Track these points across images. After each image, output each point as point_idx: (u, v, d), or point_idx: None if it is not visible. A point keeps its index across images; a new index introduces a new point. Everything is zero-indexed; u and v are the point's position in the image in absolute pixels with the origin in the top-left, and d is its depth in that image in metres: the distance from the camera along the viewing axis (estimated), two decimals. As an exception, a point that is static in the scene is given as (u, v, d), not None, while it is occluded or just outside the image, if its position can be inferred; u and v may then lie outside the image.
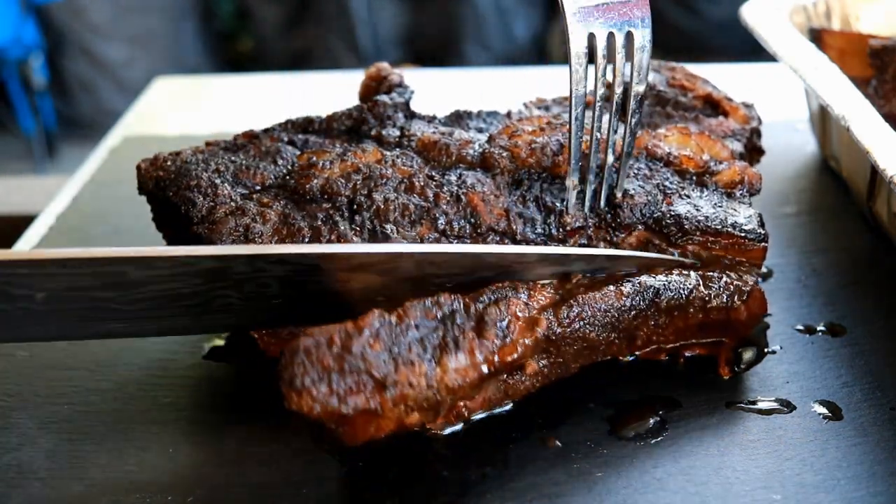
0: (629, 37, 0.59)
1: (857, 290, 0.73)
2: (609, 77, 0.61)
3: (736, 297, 0.61)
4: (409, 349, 0.51)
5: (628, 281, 0.59)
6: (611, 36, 0.59)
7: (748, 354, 0.65)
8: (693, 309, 0.60)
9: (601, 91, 0.60)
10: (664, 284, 0.59)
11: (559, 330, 0.56)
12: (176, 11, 2.92)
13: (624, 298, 0.58)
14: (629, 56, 0.60)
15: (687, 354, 0.63)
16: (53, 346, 0.68)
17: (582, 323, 0.57)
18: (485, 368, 0.53)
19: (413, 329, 0.52)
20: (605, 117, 0.62)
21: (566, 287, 0.58)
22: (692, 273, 0.60)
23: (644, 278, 0.59)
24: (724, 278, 0.61)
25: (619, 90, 0.61)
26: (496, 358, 0.54)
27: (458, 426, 0.58)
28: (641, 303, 0.59)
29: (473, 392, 0.55)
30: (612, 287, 0.58)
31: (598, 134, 0.62)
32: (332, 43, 2.81)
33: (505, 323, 0.54)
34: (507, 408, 0.59)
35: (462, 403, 0.57)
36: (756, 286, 0.62)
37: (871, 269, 0.76)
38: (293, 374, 0.49)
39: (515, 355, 0.54)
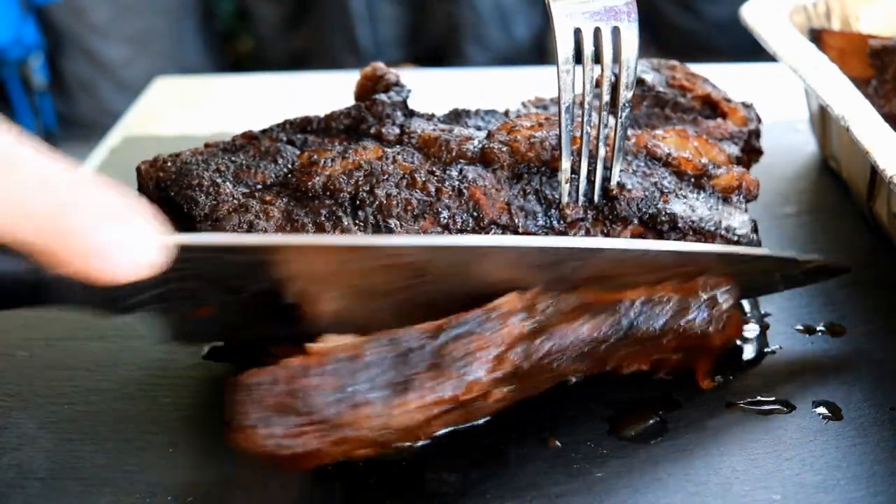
0: (616, 32, 0.60)
1: (857, 290, 0.73)
2: (598, 71, 0.61)
3: (710, 326, 0.60)
4: (361, 389, 0.50)
5: (602, 312, 0.57)
6: (597, 31, 0.59)
7: (748, 354, 0.65)
8: (666, 339, 0.59)
9: (590, 85, 0.60)
10: (639, 316, 0.58)
11: (526, 365, 0.54)
12: (176, 11, 2.91)
13: (596, 332, 0.56)
14: (617, 50, 0.60)
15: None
16: (53, 346, 0.68)
17: (550, 357, 0.55)
18: (438, 409, 0.52)
19: (367, 368, 0.50)
20: (597, 110, 0.62)
21: (534, 314, 0.55)
22: (670, 301, 0.59)
23: (622, 306, 0.57)
24: (702, 304, 0.59)
25: (608, 84, 0.61)
26: (453, 397, 0.52)
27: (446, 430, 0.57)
28: (614, 336, 0.57)
29: (427, 427, 0.53)
30: (586, 320, 0.56)
31: (588, 128, 0.62)
32: (332, 43, 2.81)
33: (465, 363, 0.52)
34: (507, 408, 0.59)
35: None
36: (733, 311, 0.61)
37: (871, 269, 0.76)
38: (238, 412, 0.49)
39: (474, 394, 0.53)
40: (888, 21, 0.95)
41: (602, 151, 0.63)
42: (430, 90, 0.98)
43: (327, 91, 1.20)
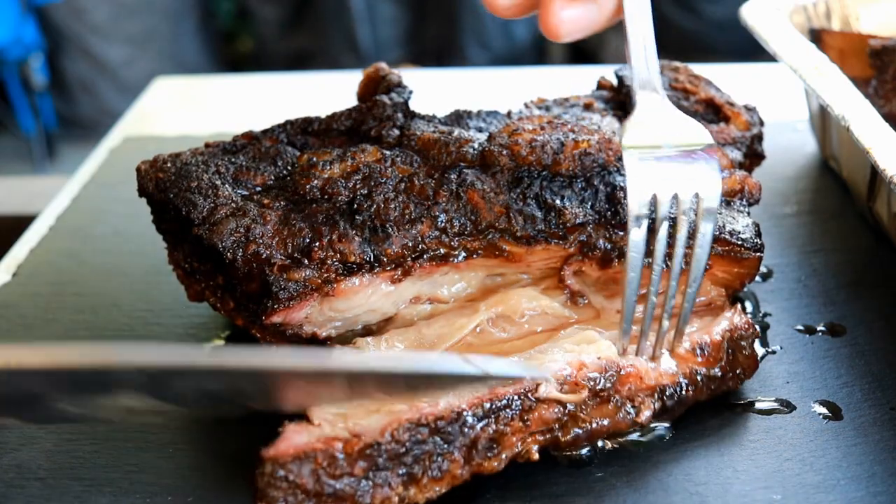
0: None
1: (857, 290, 0.73)
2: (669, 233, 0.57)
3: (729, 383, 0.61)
4: (391, 473, 0.50)
5: (641, 402, 0.57)
6: (674, 198, 0.56)
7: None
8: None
9: (660, 251, 0.57)
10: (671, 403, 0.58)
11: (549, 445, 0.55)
12: (176, 11, 2.91)
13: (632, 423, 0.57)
14: (693, 229, 0.56)
15: None
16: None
17: (577, 444, 0.56)
18: (461, 480, 0.53)
19: (399, 453, 0.51)
20: (663, 271, 0.58)
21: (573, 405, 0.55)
22: (690, 388, 0.59)
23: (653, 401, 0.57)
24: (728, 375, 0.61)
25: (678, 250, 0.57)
26: (471, 476, 0.53)
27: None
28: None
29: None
30: (623, 411, 0.57)
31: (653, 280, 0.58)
32: (332, 43, 2.81)
33: (496, 450, 0.53)
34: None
35: None
36: (751, 356, 0.62)
37: (871, 269, 0.76)
38: (268, 495, 0.49)
39: (498, 468, 0.54)
40: (888, 21, 0.95)
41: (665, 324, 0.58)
42: (431, 90, 0.99)
43: (327, 91, 1.20)
